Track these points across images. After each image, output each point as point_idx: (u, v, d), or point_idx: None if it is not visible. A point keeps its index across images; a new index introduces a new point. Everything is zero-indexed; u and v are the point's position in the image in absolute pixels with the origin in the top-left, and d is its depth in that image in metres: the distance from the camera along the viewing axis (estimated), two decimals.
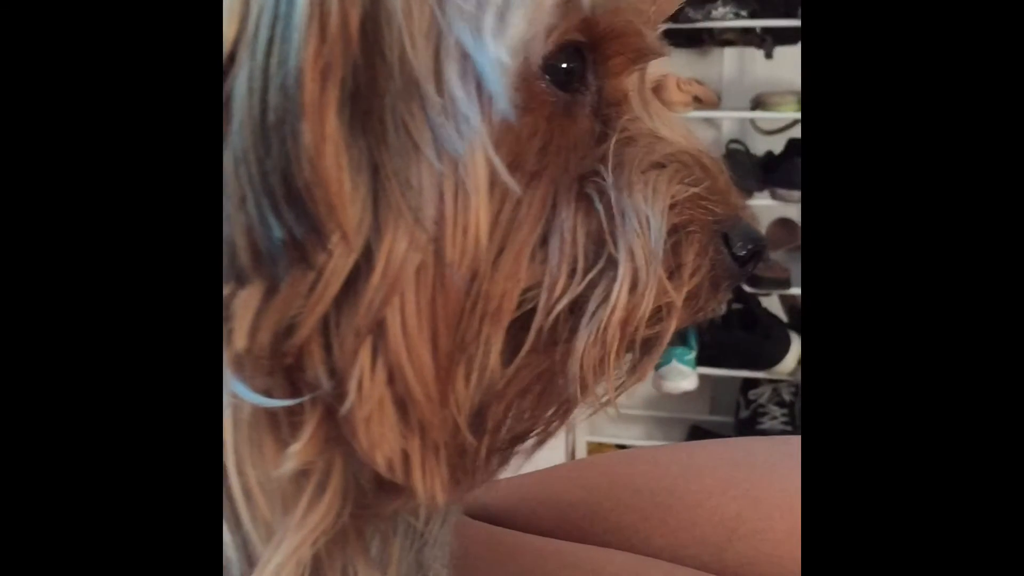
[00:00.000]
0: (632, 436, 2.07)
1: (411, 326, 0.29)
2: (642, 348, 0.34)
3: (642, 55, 0.34)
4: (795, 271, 1.87)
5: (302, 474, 0.31)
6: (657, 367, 0.38)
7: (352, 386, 0.29)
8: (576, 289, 0.31)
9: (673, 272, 0.33)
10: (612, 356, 0.32)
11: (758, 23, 1.85)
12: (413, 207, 0.28)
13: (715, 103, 1.96)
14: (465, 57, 0.28)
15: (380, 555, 0.35)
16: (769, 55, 1.92)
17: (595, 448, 2.03)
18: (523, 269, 0.31)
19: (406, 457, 0.31)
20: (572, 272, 0.31)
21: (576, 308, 0.32)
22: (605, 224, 0.32)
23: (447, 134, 0.28)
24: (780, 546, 0.49)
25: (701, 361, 1.84)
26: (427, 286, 0.29)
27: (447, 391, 0.30)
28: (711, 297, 0.35)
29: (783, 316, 1.97)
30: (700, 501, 0.52)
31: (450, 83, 0.28)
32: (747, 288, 1.90)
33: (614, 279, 0.32)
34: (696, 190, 0.34)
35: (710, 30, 1.93)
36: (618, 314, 0.32)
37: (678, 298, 0.33)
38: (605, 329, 0.32)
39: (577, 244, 0.31)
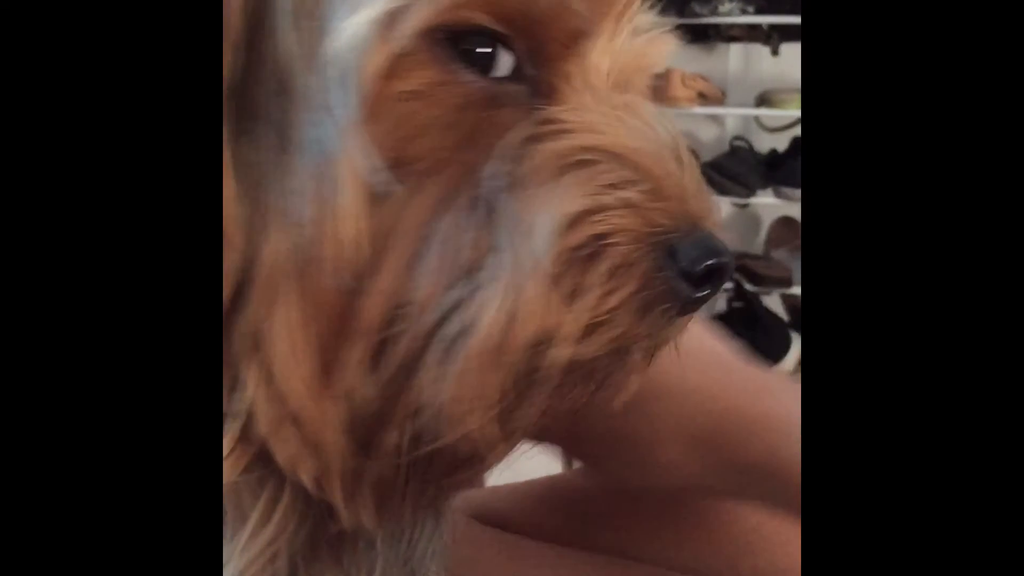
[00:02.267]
0: None
1: (283, 339, 0.27)
2: (526, 382, 0.28)
3: (574, 37, 0.30)
4: (797, 270, 1.87)
5: (252, 495, 0.30)
6: None
7: (244, 400, 0.27)
8: (443, 307, 0.27)
9: (576, 292, 0.27)
10: (492, 389, 0.27)
11: (765, 20, 1.85)
12: (286, 211, 0.26)
13: (720, 99, 1.96)
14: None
15: (359, 571, 0.34)
16: (775, 52, 1.92)
17: None
18: (401, 282, 0.27)
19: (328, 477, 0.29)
20: (449, 287, 0.27)
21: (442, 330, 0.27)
22: (489, 232, 0.27)
23: (321, 130, 0.26)
24: (799, 560, 0.47)
25: None
26: (300, 297, 0.27)
27: (325, 411, 0.27)
28: (637, 322, 0.29)
29: (784, 315, 1.97)
30: (717, 511, 0.50)
31: (328, 74, 0.26)
32: (748, 287, 1.90)
33: (486, 298, 0.27)
34: (627, 194, 0.28)
35: (716, 26, 1.93)
36: (488, 340, 0.27)
37: (572, 324, 0.27)
38: (474, 356, 0.27)
39: (458, 255, 0.27)
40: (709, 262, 0.29)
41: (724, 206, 2.07)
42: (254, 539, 0.30)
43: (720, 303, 2.03)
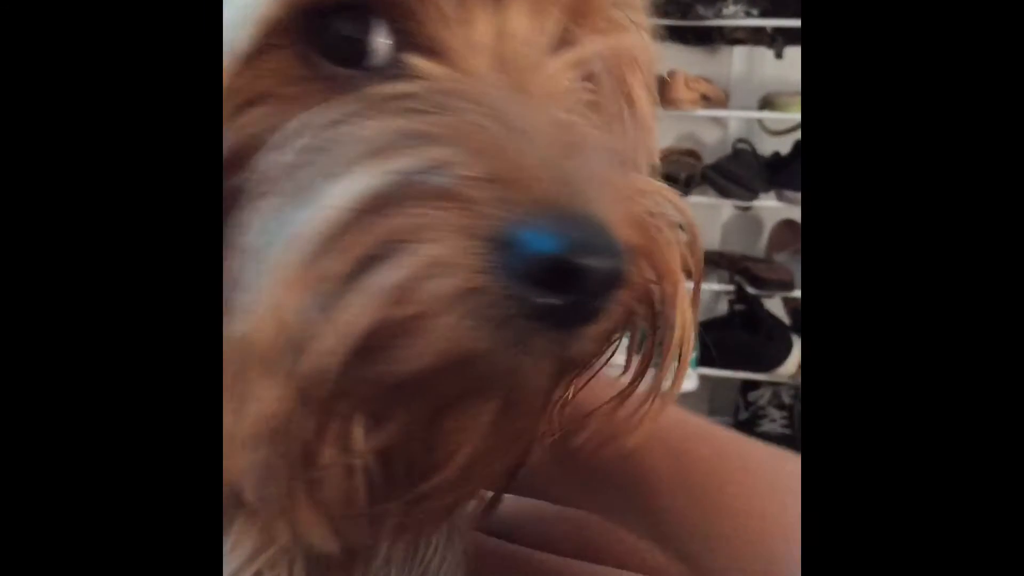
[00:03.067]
0: None
1: None
2: (322, 402, 0.24)
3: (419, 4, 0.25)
4: (799, 273, 1.87)
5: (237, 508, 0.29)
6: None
7: None
8: (236, 316, 0.24)
9: (348, 298, 0.23)
10: (274, 407, 0.24)
11: (769, 22, 1.85)
12: None
13: (723, 102, 1.96)
14: None
15: None
16: (779, 55, 1.92)
17: None
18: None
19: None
20: (238, 294, 0.24)
21: None
22: (269, 233, 0.24)
23: None
24: None
25: (701, 361, 1.84)
26: None
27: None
28: (465, 335, 0.23)
29: (786, 319, 1.97)
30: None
31: None
32: (750, 290, 1.90)
33: (259, 307, 0.23)
34: (446, 180, 0.23)
35: (720, 28, 1.93)
36: (255, 350, 0.24)
37: (331, 336, 0.22)
38: (254, 368, 0.24)
39: (248, 259, 0.24)
40: (556, 258, 0.22)
41: (726, 209, 2.07)
42: (240, 546, 0.30)
43: (722, 306, 2.03)
